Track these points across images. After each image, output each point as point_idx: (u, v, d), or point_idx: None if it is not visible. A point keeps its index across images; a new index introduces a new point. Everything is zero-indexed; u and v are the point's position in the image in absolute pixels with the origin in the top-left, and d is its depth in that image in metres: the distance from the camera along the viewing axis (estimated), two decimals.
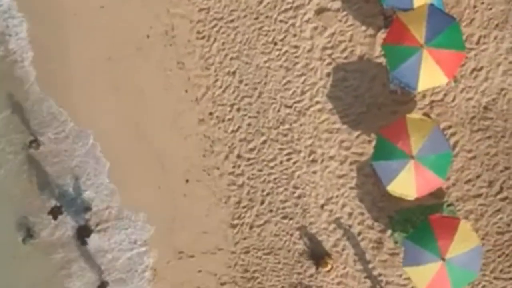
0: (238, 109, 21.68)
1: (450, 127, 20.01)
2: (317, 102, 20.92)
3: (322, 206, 21.05)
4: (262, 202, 21.50)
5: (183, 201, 22.07)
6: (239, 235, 21.72)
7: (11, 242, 23.48)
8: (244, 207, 21.64)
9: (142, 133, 22.55)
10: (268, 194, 21.46)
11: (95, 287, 23.29)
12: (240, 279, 21.77)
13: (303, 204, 21.18)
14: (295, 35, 21.21)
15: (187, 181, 22.05)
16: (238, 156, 21.65)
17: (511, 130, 19.81)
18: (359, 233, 20.77)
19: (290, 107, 21.21)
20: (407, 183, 19.05)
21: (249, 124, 21.50)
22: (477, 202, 20.15)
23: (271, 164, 21.38)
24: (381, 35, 19.90)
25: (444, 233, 18.95)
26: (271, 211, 21.45)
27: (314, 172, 21.04)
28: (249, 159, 21.56)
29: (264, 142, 21.41)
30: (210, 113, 21.91)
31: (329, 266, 20.79)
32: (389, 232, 20.53)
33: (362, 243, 20.77)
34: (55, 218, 23.35)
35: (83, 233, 23.08)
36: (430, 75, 18.43)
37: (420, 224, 19.51)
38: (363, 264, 20.83)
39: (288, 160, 21.23)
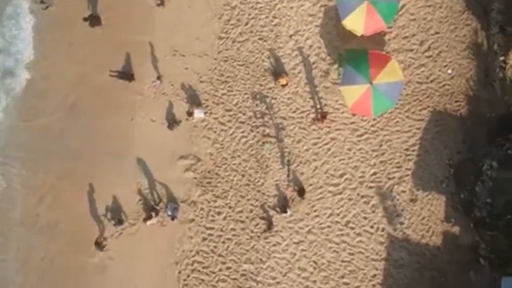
0: None
1: None
2: None
3: (290, 36, 26.22)
4: (247, 24, 26.57)
5: (187, 11, 26.86)
6: (223, 46, 26.69)
7: None
8: (232, 24, 26.67)
9: None
10: (252, 18, 26.52)
11: None
12: (216, 81, 26.64)
13: (277, 32, 26.31)
14: None
15: None
16: None
17: (447, 4, 25.15)
18: (313, 63, 25.98)
19: None
20: (358, 20, 24.31)
21: None
22: (408, 55, 25.47)
23: None
24: None
25: (376, 64, 24.11)
26: (251, 32, 26.49)
27: (291, 8, 26.22)
28: None
29: None
30: None
31: (284, 81, 25.97)
32: (336, 66, 25.74)
33: (313, 71, 25.95)
34: None
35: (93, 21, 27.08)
36: None
37: (360, 55, 24.61)
38: (311, 87, 26.00)
39: None
